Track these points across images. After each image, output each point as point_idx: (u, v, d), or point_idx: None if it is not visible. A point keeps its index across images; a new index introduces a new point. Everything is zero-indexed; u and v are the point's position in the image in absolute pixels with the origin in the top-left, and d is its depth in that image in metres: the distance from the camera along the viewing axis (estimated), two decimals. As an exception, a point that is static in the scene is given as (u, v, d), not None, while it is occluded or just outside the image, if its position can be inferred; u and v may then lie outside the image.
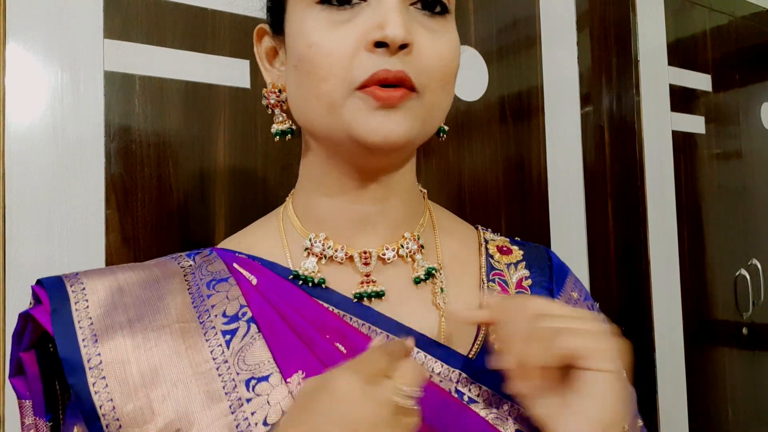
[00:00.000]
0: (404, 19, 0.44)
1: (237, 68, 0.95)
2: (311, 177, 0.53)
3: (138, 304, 0.48)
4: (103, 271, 0.52)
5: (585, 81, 1.38)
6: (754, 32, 1.73)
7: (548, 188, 1.34)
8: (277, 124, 0.54)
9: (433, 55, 0.47)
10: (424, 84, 0.47)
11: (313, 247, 0.52)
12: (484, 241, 0.60)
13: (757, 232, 1.69)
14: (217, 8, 0.94)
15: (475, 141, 1.22)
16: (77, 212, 0.81)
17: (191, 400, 0.44)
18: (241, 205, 0.95)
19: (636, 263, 1.35)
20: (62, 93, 0.81)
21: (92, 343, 0.45)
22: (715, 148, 1.59)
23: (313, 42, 0.45)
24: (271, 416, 0.44)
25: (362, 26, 0.45)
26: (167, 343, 0.46)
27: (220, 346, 0.47)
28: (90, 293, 0.48)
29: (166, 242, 0.88)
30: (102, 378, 0.44)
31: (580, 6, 1.38)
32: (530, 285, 0.57)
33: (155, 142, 0.88)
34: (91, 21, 0.83)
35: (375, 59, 0.44)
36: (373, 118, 0.45)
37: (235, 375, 0.45)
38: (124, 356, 0.45)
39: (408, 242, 0.52)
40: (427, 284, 0.53)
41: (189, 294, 0.50)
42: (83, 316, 0.47)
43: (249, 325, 0.48)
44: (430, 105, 0.48)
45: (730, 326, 1.58)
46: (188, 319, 0.48)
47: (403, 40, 0.44)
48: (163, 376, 0.45)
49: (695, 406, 1.44)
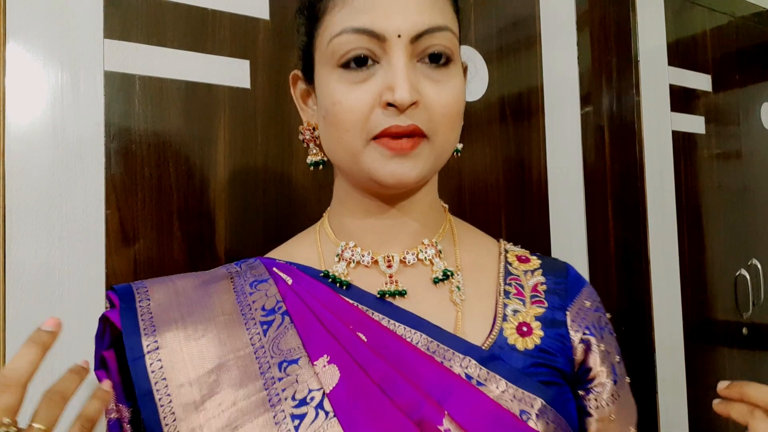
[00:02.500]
0: (411, 81, 0.52)
1: (237, 68, 0.95)
2: (340, 199, 0.63)
3: (190, 303, 0.58)
4: (164, 278, 0.62)
5: (585, 81, 1.38)
6: (754, 32, 1.73)
7: (548, 188, 1.34)
8: (311, 156, 0.63)
9: (438, 104, 0.54)
10: (434, 130, 0.54)
11: (343, 253, 0.60)
12: (504, 251, 0.67)
13: (757, 232, 1.69)
14: (217, 8, 0.94)
15: (475, 141, 1.22)
16: (77, 212, 0.81)
17: (232, 379, 0.53)
18: (241, 205, 0.95)
19: (636, 263, 1.35)
20: (62, 93, 0.81)
21: (151, 332, 0.55)
22: (715, 148, 1.59)
23: (336, 101, 0.54)
24: (298, 393, 0.52)
25: (376, 87, 0.53)
26: (212, 332, 0.56)
27: (258, 334, 0.56)
28: (152, 295, 0.58)
29: (166, 242, 0.88)
30: (158, 360, 0.54)
31: (580, 6, 1.38)
32: (545, 290, 0.62)
33: (155, 142, 0.88)
34: (91, 21, 0.83)
35: (388, 116, 0.52)
36: (388, 164, 0.53)
37: (270, 358, 0.54)
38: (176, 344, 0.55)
39: (427, 248, 0.60)
40: (445, 284, 0.59)
41: (234, 292, 0.59)
42: (145, 312, 0.57)
43: (283, 317, 0.57)
44: (441, 146, 0.56)
45: (730, 326, 1.58)
46: (231, 312, 0.57)
47: (410, 101, 0.52)
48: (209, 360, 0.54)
49: (695, 406, 1.44)
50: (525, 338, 0.57)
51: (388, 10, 0.52)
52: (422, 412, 0.50)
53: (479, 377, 0.54)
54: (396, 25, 0.52)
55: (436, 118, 0.54)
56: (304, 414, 0.51)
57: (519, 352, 0.56)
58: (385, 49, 0.53)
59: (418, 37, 0.53)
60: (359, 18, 0.53)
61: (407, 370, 0.53)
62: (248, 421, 0.51)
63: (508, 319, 0.58)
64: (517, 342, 0.57)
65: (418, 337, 0.55)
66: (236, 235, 0.94)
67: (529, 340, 0.57)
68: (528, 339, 0.57)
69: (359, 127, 0.53)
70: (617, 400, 0.61)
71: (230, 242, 0.93)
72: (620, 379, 0.62)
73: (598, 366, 0.60)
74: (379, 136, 0.53)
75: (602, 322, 0.63)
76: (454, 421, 0.50)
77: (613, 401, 0.61)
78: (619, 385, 0.62)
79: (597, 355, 0.60)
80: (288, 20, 1.01)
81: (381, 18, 0.52)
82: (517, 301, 0.60)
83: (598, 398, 0.60)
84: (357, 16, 0.53)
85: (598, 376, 0.60)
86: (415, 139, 0.53)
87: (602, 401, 0.60)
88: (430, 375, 0.53)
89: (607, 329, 0.63)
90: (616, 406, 0.61)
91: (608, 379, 0.60)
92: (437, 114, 0.54)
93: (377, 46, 0.53)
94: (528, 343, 0.57)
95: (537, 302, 0.61)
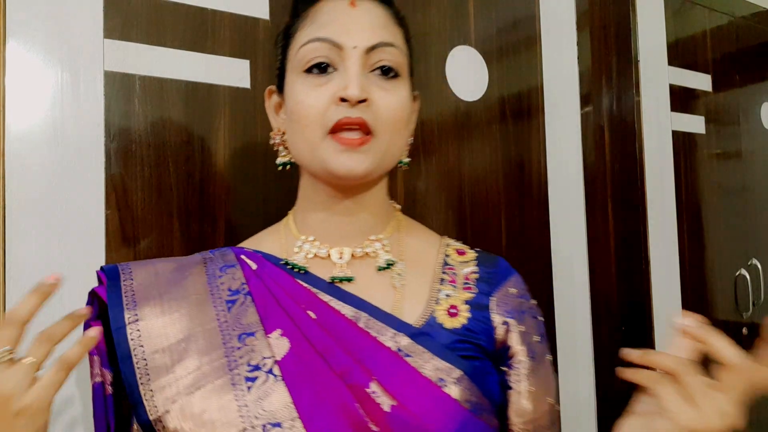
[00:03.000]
0: (362, 82, 0.63)
1: (237, 68, 0.95)
2: (304, 195, 0.72)
3: (167, 283, 0.67)
4: (147, 261, 0.71)
5: (585, 81, 1.38)
6: (754, 32, 1.73)
7: (548, 188, 1.34)
8: (281, 157, 0.73)
9: (384, 106, 0.64)
10: (379, 128, 0.64)
11: (303, 245, 0.70)
12: (445, 245, 0.75)
13: (757, 232, 1.69)
14: (217, 8, 0.94)
15: (475, 141, 1.22)
16: (77, 212, 0.81)
17: (199, 348, 0.63)
18: (241, 205, 0.95)
19: (636, 263, 1.35)
20: (62, 93, 0.81)
21: (132, 306, 0.65)
22: (715, 148, 1.59)
23: (300, 100, 0.64)
24: (253, 359, 0.62)
25: (333, 88, 0.63)
26: (185, 309, 0.65)
27: (223, 311, 0.65)
28: (135, 275, 0.67)
29: (166, 242, 0.88)
30: (137, 330, 0.64)
31: (580, 6, 1.38)
32: (476, 279, 0.71)
33: (155, 142, 0.88)
34: (91, 21, 0.83)
35: (341, 110, 0.62)
36: (339, 157, 0.63)
37: (232, 331, 0.64)
38: (153, 317, 0.64)
39: (374, 243, 0.70)
40: (387, 272, 0.69)
41: (206, 275, 0.69)
42: (128, 289, 0.66)
43: (246, 297, 0.66)
44: (386, 146, 0.65)
45: (730, 326, 1.58)
46: (202, 292, 0.67)
47: (359, 97, 0.62)
48: (181, 331, 0.64)
49: (695, 406, 1.44)
50: (453, 318, 0.67)
51: (347, 27, 0.64)
52: (354, 377, 0.61)
53: (407, 350, 0.63)
54: (352, 38, 0.64)
55: (382, 118, 0.64)
56: (256, 377, 0.61)
57: (447, 330, 0.66)
58: (342, 58, 0.64)
59: (371, 50, 0.64)
60: (322, 31, 0.65)
61: (346, 342, 0.63)
62: (210, 382, 0.61)
63: (440, 302, 0.68)
64: (446, 321, 0.67)
65: (359, 315, 0.65)
66: (236, 235, 0.94)
67: (456, 320, 0.67)
68: (455, 319, 0.67)
69: (318, 122, 0.63)
70: (534, 374, 0.69)
71: (230, 242, 0.93)
72: (539, 356, 0.71)
73: (516, 345, 0.69)
74: (334, 130, 0.63)
75: (524, 307, 0.72)
76: (380, 384, 0.60)
77: (531, 376, 0.69)
78: (537, 362, 0.70)
79: (516, 335, 0.69)
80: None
81: (340, 32, 0.64)
82: (450, 287, 0.70)
83: (517, 373, 0.69)
84: (321, 29, 0.65)
85: (516, 354, 0.69)
86: (363, 137, 0.63)
87: (521, 376, 0.69)
88: (363, 347, 0.63)
89: (528, 313, 0.72)
90: (533, 380, 0.69)
91: (526, 357, 0.69)
92: (383, 114, 0.64)
93: (336, 55, 0.64)
94: (455, 322, 0.67)
95: (467, 288, 0.70)
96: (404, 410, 0.59)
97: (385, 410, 0.59)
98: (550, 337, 1.31)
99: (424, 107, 1.15)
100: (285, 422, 0.58)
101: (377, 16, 0.67)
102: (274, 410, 0.59)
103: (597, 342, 1.36)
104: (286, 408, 0.59)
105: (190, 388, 0.61)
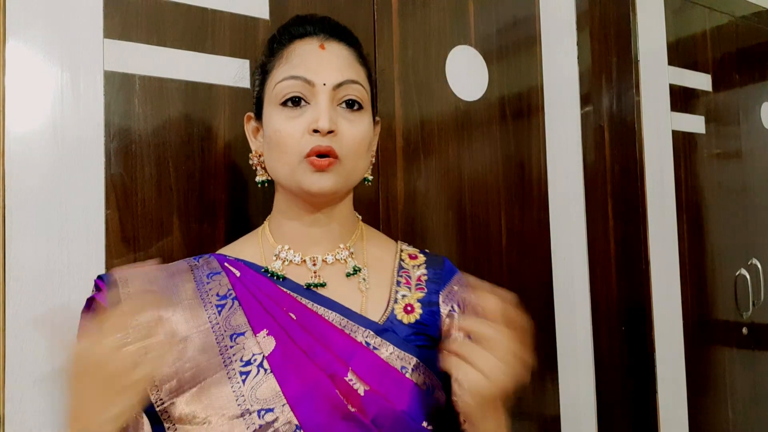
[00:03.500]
0: (331, 115, 0.73)
1: (237, 68, 0.95)
2: (279, 209, 0.81)
3: (161, 290, 0.74)
4: (139, 270, 0.76)
5: (585, 81, 1.38)
6: (754, 32, 1.73)
7: (548, 188, 1.34)
8: (259, 176, 0.82)
9: (349, 136, 0.75)
10: (344, 154, 0.74)
11: (280, 254, 0.79)
12: (400, 251, 0.86)
13: (757, 232, 1.69)
14: (217, 8, 0.94)
15: (475, 141, 1.23)
16: (77, 212, 0.81)
17: (196, 347, 0.71)
18: (240, 205, 0.95)
19: (636, 263, 1.35)
20: (62, 93, 0.81)
21: None
22: (715, 148, 1.59)
23: (277, 129, 0.74)
24: (245, 356, 0.71)
25: (306, 120, 0.74)
26: (180, 313, 0.73)
27: (214, 314, 0.73)
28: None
29: (166, 242, 0.88)
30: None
31: (580, 6, 1.38)
32: (426, 280, 0.83)
33: (155, 142, 0.88)
34: (91, 21, 0.83)
35: (313, 139, 0.73)
36: (312, 177, 0.73)
37: (224, 331, 0.72)
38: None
39: (342, 251, 0.80)
40: (354, 277, 0.80)
41: (194, 282, 0.76)
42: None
43: (233, 302, 0.75)
44: (350, 168, 0.76)
45: (730, 326, 1.58)
46: (193, 297, 0.75)
47: (328, 129, 0.72)
48: (178, 333, 0.71)
49: (695, 406, 1.44)
50: (409, 315, 0.78)
51: (318, 67, 0.75)
52: (333, 368, 0.70)
53: (375, 344, 0.74)
54: (322, 76, 0.74)
55: (347, 146, 0.74)
56: (249, 371, 0.70)
57: (404, 325, 0.77)
58: (313, 93, 0.74)
59: (338, 86, 0.74)
60: (296, 70, 0.75)
61: (324, 339, 0.72)
62: (209, 376, 0.69)
63: (398, 301, 0.79)
64: (403, 318, 0.78)
65: (334, 316, 0.75)
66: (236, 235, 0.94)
67: (412, 316, 0.78)
68: (411, 315, 0.78)
69: (295, 149, 0.73)
70: None
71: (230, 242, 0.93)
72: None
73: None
74: (308, 155, 0.73)
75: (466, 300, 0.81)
76: (355, 374, 0.71)
77: None
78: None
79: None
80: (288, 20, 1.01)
81: (312, 71, 0.74)
82: (405, 288, 0.81)
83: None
84: (295, 69, 0.75)
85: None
86: (330, 160, 0.73)
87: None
88: (339, 342, 0.73)
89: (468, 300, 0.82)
90: None
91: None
92: (348, 143, 0.74)
93: (308, 91, 0.74)
94: (411, 318, 0.78)
95: (419, 289, 0.81)
96: (375, 393, 0.71)
97: (360, 394, 0.70)
98: (550, 337, 1.32)
99: (425, 107, 1.15)
100: (276, 407, 0.68)
101: (343, 57, 0.77)
102: (266, 398, 0.69)
103: (597, 342, 1.36)
104: (277, 396, 0.69)
105: (191, 382, 0.69)
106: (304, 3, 1.02)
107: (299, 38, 0.78)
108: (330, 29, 0.79)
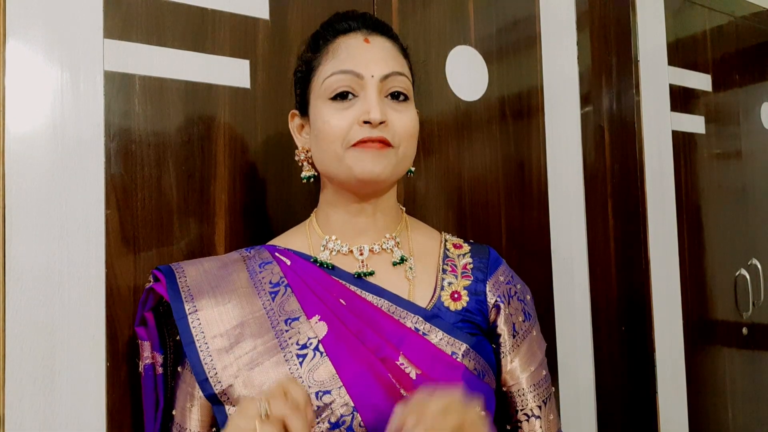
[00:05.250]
0: (382, 107, 0.75)
1: (237, 68, 0.95)
2: (327, 201, 0.83)
3: (216, 278, 0.79)
4: (194, 261, 0.82)
5: (585, 81, 1.38)
6: (754, 32, 1.73)
7: (548, 188, 1.34)
8: (305, 172, 0.84)
9: (400, 124, 0.77)
10: (397, 142, 0.77)
11: (327, 244, 0.82)
12: (444, 240, 0.89)
13: (757, 232, 1.69)
14: (217, 8, 0.94)
15: (475, 141, 1.23)
16: (77, 212, 0.81)
17: (252, 332, 0.75)
18: (241, 205, 0.95)
19: (636, 263, 1.35)
20: (62, 93, 0.81)
21: (190, 299, 0.76)
22: (715, 148, 1.59)
23: (326, 120, 0.76)
24: (300, 339, 0.74)
25: (356, 112, 0.75)
26: (235, 300, 0.77)
27: (268, 301, 0.77)
28: (187, 273, 0.78)
29: (166, 242, 0.88)
30: (197, 319, 0.75)
31: (580, 6, 1.38)
32: (471, 268, 0.85)
33: (155, 142, 0.88)
34: (91, 21, 0.83)
35: (363, 130, 0.75)
36: (363, 162, 0.75)
37: (278, 317, 0.76)
38: (209, 308, 0.76)
39: (388, 241, 0.82)
40: (401, 266, 0.82)
41: (247, 271, 0.80)
42: (184, 285, 0.77)
43: (286, 289, 0.78)
44: (402, 155, 0.78)
45: (730, 326, 1.58)
46: (246, 285, 0.78)
47: (380, 120, 0.74)
48: (234, 319, 0.75)
49: (695, 406, 1.44)
50: (456, 302, 0.80)
51: (365, 60, 0.77)
52: (384, 352, 0.73)
53: (424, 329, 0.76)
54: (370, 69, 0.76)
55: (399, 134, 0.77)
56: (305, 354, 0.73)
57: (451, 312, 0.79)
58: (362, 86, 0.76)
59: (385, 78, 0.76)
60: (345, 65, 0.76)
61: (374, 324, 0.75)
62: (266, 360, 0.73)
63: (444, 289, 0.81)
64: (450, 305, 0.80)
65: (383, 303, 0.77)
66: (236, 235, 0.94)
67: (459, 303, 0.80)
68: (458, 303, 0.80)
69: (341, 139, 0.75)
70: (518, 349, 0.83)
71: (230, 242, 0.93)
72: (521, 334, 0.84)
73: (502, 324, 0.82)
74: (356, 144, 0.75)
75: (512, 292, 0.85)
76: (406, 358, 0.73)
77: (514, 350, 0.83)
78: (520, 338, 0.83)
79: (502, 317, 0.82)
80: (288, 20, 1.01)
81: (360, 64, 0.76)
82: (451, 276, 0.83)
83: (503, 347, 0.82)
84: (343, 63, 0.77)
85: (501, 334, 0.82)
86: (382, 146, 0.75)
87: (506, 349, 0.82)
88: (390, 328, 0.75)
89: (515, 297, 0.85)
90: (516, 353, 0.83)
91: (508, 335, 0.83)
92: (399, 131, 0.77)
93: (357, 84, 0.76)
94: (458, 305, 0.80)
95: (465, 276, 0.83)
96: (427, 377, 0.73)
97: (413, 378, 0.73)
98: (550, 337, 1.32)
99: (425, 107, 1.15)
100: (333, 389, 0.71)
101: (387, 50, 0.79)
102: (323, 380, 0.71)
103: (597, 342, 1.36)
104: (333, 378, 0.71)
105: (249, 365, 0.72)
106: (304, 3, 1.02)
107: (343, 33, 0.79)
108: (372, 24, 0.81)
